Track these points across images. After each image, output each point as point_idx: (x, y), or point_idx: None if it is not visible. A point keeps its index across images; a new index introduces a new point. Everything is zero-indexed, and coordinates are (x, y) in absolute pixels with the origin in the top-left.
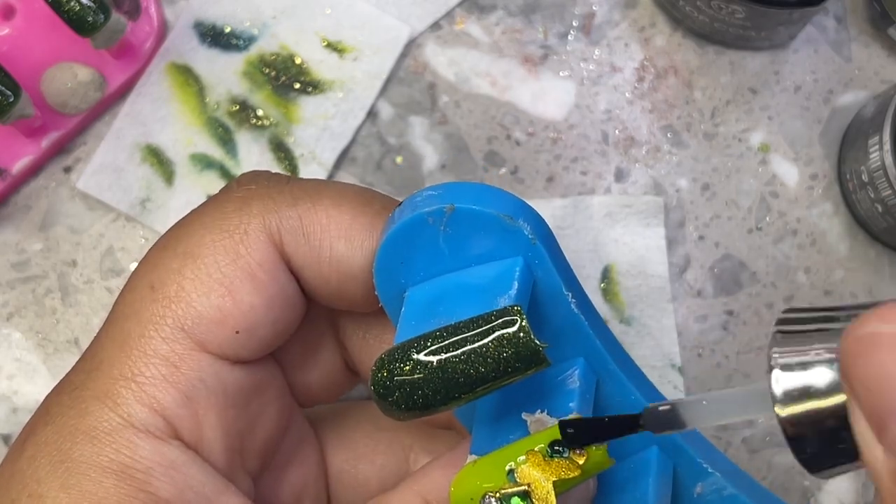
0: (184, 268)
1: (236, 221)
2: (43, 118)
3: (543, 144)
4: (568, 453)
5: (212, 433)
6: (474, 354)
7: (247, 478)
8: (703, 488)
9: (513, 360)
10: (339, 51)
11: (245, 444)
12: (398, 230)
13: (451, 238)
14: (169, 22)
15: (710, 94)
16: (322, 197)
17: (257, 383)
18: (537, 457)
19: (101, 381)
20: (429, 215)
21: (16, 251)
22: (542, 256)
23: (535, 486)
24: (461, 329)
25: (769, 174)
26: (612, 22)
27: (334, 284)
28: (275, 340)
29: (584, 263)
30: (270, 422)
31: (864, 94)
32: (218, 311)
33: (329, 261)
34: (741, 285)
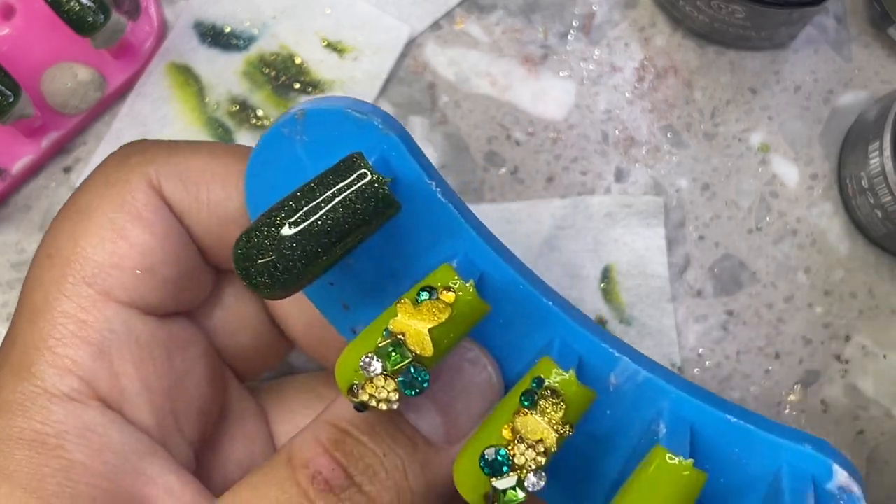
0: (76, 227)
1: (117, 175)
2: (43, 118)
3: (543, 144)
4: (436, 295)
5: (131, 386)
6: (331, 214)
7: (185, 445)
8: (617, 378)
9: (370, 211)
10: (339, 51)
11: (176, 406)
12: (257, 149)
13: (309, 146)
14: (169, 22)
15: (710, 94)
16: (199, 148)
17: (175, 338)
18: (407, 306)
19: (14, 356)
20: (282, 126)
21: (16, 251)
22: (398, 146)
23: (409, 334)
24: (314, 191)
25: (769, 174)
26: (612, 22)
27: (216, 231)
28: (180, 284)
29: (584, 263)
30: (200, 383)
31: (864, 94)
32: (114, 255)
33: (207, 204)
34: (741, 285)
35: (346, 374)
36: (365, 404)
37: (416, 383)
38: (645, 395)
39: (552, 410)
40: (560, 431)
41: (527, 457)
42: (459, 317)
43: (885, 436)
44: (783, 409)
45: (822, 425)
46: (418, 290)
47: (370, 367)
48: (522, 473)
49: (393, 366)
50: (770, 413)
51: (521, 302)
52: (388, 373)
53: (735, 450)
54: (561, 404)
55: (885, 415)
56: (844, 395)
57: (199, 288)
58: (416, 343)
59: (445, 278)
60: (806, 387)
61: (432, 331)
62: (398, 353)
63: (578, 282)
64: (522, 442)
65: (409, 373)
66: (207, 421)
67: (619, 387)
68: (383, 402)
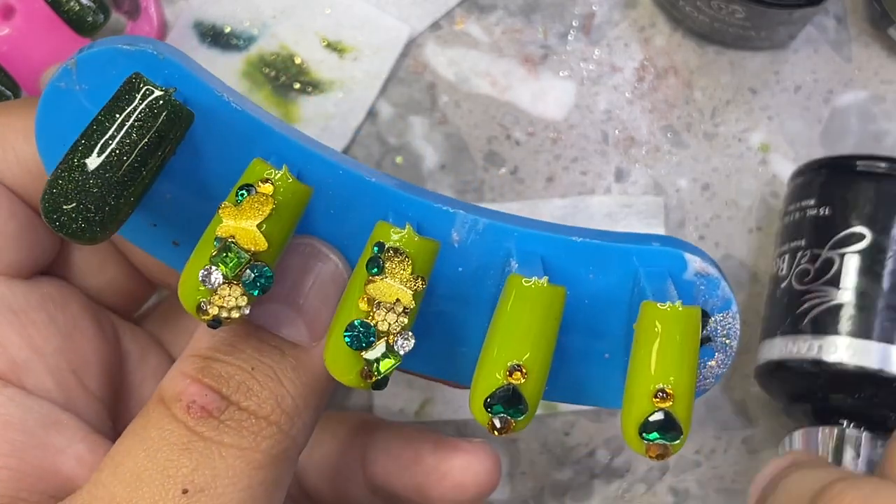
0: None
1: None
2: None
3: (543, 144)
4: (254, 190)
5: (21, 354)
6: (127, 139)
7: (95, 403)
8: (458, 233)
9: (164, 125)
10: (339, 51)
11: (74, 364)
12: (39, 110)
13: (90, 93)
14: (169, 22)
15: (710, 94)
16: (6, 106)
17: (49, 297)
18: (229, 209)
19: None
20: (58, 81)
21: None
22: (178, 67)
23: (238, 235)
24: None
25: (769, 174)
26: (612, 22)
27: (30, 185)
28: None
29: None
30: (91, 336)
31: (864, 94)
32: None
33: (17, 161)
34: (741, 285)
35: (189, 294)
36: (218, 319)
37: (260, 280)
38: (489, 241)
39: (400, 269)
40: (414, 287)
41: (388, 321)
42: (284, 206)
43: None
44: (783, 408)
45: None
46: (236, 191)
47: (211, 279)
48: (390, 339)
49: (231, 270)
50: (770, 412)
51: (346, 188)
52: (229, 279)
53: (590, 268)
54: (407, 260)
55: None
56: None
57: (47, 240)
58: (248, 241)
59: (260, 172)
60: None
61: (261, 225)
62: (233, 255)
63: None
64: (380, 308)
65: (249, 272)
66: (111, 372)
67: (463, 241)
68: (234, 309)
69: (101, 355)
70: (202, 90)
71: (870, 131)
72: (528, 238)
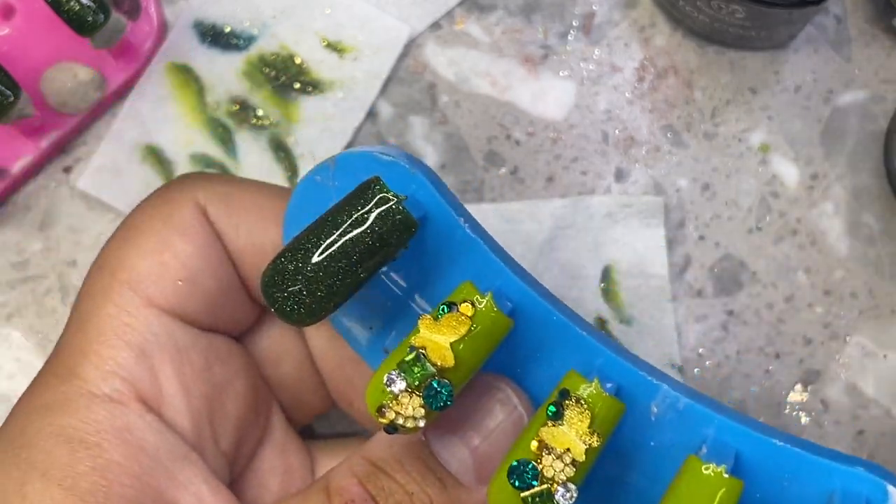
0: (125, 242)
1: (167, 194)
2: (43, 118)
3: (543, 144)
4: (456, 309)
5: (170, 387)
6: (353, 238)
7: (219, 456)
8: (658, 407)
9: (387, 230)
10: (339, 51)
11: (214, 414)
12: (293, 196)
13: (341, 192)
14: (169, 22)
15: (710, 94)
16: (249, 183)
17: (214, 349)
18: (427, 321)
19: (59, 360)
20: (315, 174)
21: (16, 251)
22: (424, 185)
23: (429, 348)
24: (334, 219)
25: (769, 174)
26: (612, 22)
27: (249, 259)
28: (220, 299)
29: (584, 263)
30: (239, 398)
31: (864, 94)
32: (158, 264)
33: (246, 232)
34: (741, 285)
35: (374, 394)
36: (394, 424)
37: (440, 396)
38: (687, 422)
39: (578, 420)
40: (588, 441)
41: (555, 468)
42: (481, 330)
43: (885, 436)
44: (783, 409)
45: (822, 425)
46: (440, 307)
47: (394, 384)
48: (553, 486)
49: (415, 380)
50: (770, 413)
51: (556, 333)
52: (411, 389)
53: (784, 475)
54: (586, 412)
55: (885, 415)
56: (844, 395)
57: (240, 311)
58: (437, 355)
59: (466, 293)
60: (806, 387)
61: (454, 344)
62: (420, 366)
63: (578, 282)
64: (550, 453)
65: (432, 386)
66: (245, 437)
67: (661, 416)
68: (409, 419)
69: (242, 419)
70: (443, 212)
71: (870, 131)
72: (728, 429)
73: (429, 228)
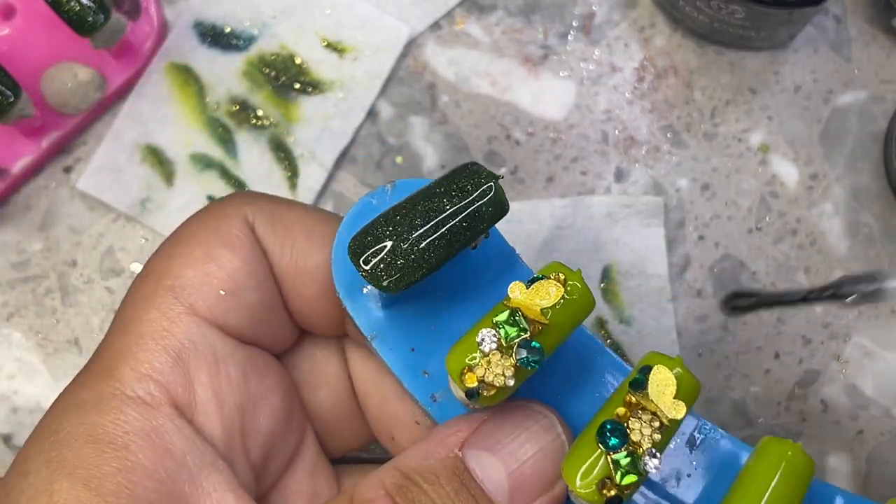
0: (173, 251)
1: (217, 209)
2: (43, 118)
3: (543, 144)
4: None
5: (204, 395)
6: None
7: (248, 468)
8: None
9: (491, 216)
10: (339, 51)
11: (245, 426)
12: (348, 218)
13: None
14: (169, 22)
15: (710, 94)
16: (297, 205)
17: (251, 362)
18: (519, 286)
19: (100, 361)
20: (372, 197)
21: (16, 251)
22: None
23: (525, 309)
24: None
25: (769, 174)
26: (612, 22)
27: (291, 279)
28: (261, 314)
29: (584, 263)
30: (273, 413)
31: (864, 94)
32: (203, 273)
33: (291, 252)
34: (741, 285)
35: (458, 358)
36: (477, 388)
37: (534, 356)
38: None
39: (664, 388)
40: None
41: (643, 432)
42: (570, 303)
43: (884, 436)
44: (783, 408)
45: (821, 425)
46: (530, 279)
47: (486, 342)
48: (639, 451)
49: (514, 333)
50: (770, 413)
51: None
52: (503, 348)
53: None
54: (672, 382)
55: (884, 415)
56: (844, 395)
57: (281, 329)
58: (534, 314)
59: (556, 268)
60: (806, 387)
61: (546, 310)
62: (517, 324)
63: None
64: (638, 417)
65: (526, 344)
66: (275, 453)
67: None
68: (498, 377)
69: (273, 434)
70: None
71: (869, 131)
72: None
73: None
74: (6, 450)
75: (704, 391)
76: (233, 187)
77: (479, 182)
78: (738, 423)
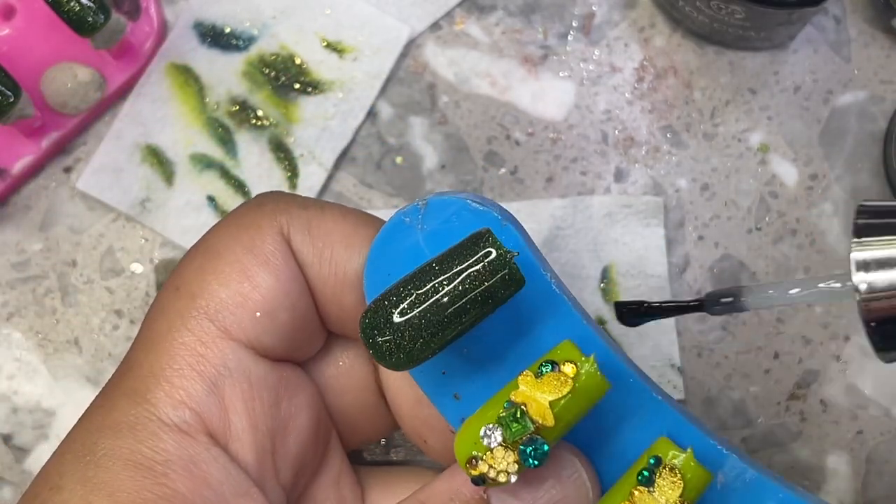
0: (205, 264)
1: (250, 219)
2: (43, 118)
3: (543, 144)
4: (558, 368)
5: (239, 423)
6: (456, 290)
7: (279, 489)
8: (724, 477)
9: (500, 287)
10: (339, 51)
11: (277, 449)
12: (380, 235)
13: (429, 236)
14: (169, 22)
15: (709, 94)
16: (330, 207)
17: (284, 383)
18: (528, 378)
19: (130, 380)
20: (405, 215)
21: (16, 251)
22: (515, 237)
23: (530, 405)
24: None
25: (769, 174)
26: (612, 22)
27: (331, 289)
28: (296, 332)
29: (584, 263)
30: (303, 431)
31: (864, 94)
32: (238, 295)
33: (329, 261)
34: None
35: (465, 445)
36: (483, 477)
37: (537, 454)
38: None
39: (670, 489)
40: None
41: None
42: (581, 391)
43: (884, 435)
44: (783, 409)
45: (821, 425)
46: (540, 364)
47: (491, 437)
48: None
49: (514, 436)
50: (770, 413)
51: (630, 395)
52: (507, 444)
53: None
54: (679, 482)
55: (884, 414)
56: (844, 395)
57: (312, 341)
58: (538, 413)
59: (568, 353)
60: (805, 387)
61: (553, 404)
62: (520, 422)
63: (578, 282)
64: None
65: (530, 443)
66: (304, 470)
67: (726, 486)
68: (502, 473)
69: (303, 452)
70: (529, 264)
71: (869, 132)
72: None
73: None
74: (6, 450)
75: (704, 391)
76: (233, 188)
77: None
78: (738, 423)
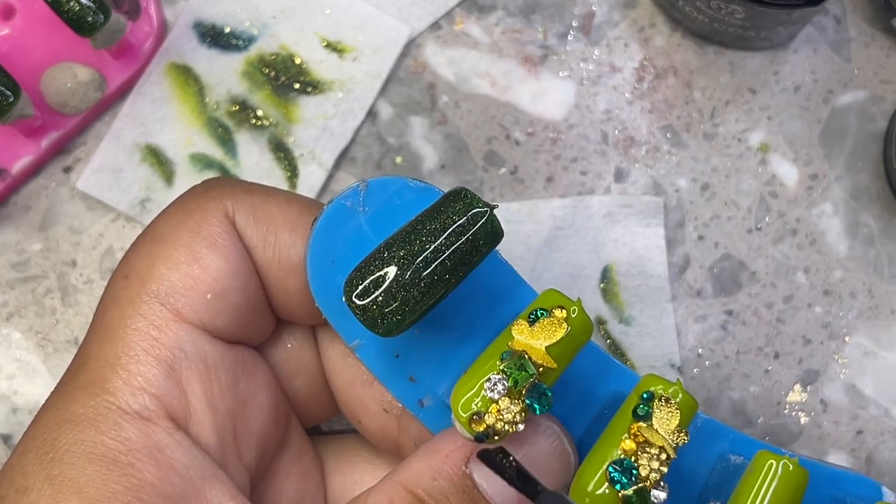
0: (153, 250)
1: (195, 203)
2: (43, 118)
3: (543, 144)
4: (549, 314)
5: (198, 404)
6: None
7: (242, 470)
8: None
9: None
10: (339, 51)
11: (238, 429)
12: (321, 220)
13: (372, 218)
14: (169, 22)
15: (709, 94)
16: (276, 192)
17: (240, 363)
18: (522, 327)
19: (87, 372)
20: (345, 199)
21: (16, 251)
22: None
23: (531, 352)
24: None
25: (769, 174)
26: (612, 22)
27: (275, 272)
28: (247, 314)
29: (584, 263)
30: (262, 411)
31: (864, 94)
32: (188, 277)
33: (273, 246)
34: (741, 285)
35: (465, 402)
36: (487, 432)
37: (545, 399)
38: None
39: (667, 419)
40: (676, 441)
41: (651, 466)
42: (573, 334)
43: (884, 436)
44: (783, 409)
45: (821, 425)
46: (529, 313)
47: (495, 390)
48: (648, 484)
49: (522, 381)
50: (769, 413)
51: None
52: (512, 392)
53: None
54: (675, 411)
55: (884, 414)
56: (843, 395)
57: (264, 323)
58: (540, 358)
59: (555, 299)
60: (805, 387)
61: (550, 348)
62: (526, 366)
63: (578, 282)
64: (645, 451)
65: (533, 389)
66: (266, 449)
67: None
68: (509, 423)
69: (264, 432)
70: None
71: (869, 132)
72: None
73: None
74: (6, 450)
75: (704, 391)
76: None
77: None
78: (738, 422)
